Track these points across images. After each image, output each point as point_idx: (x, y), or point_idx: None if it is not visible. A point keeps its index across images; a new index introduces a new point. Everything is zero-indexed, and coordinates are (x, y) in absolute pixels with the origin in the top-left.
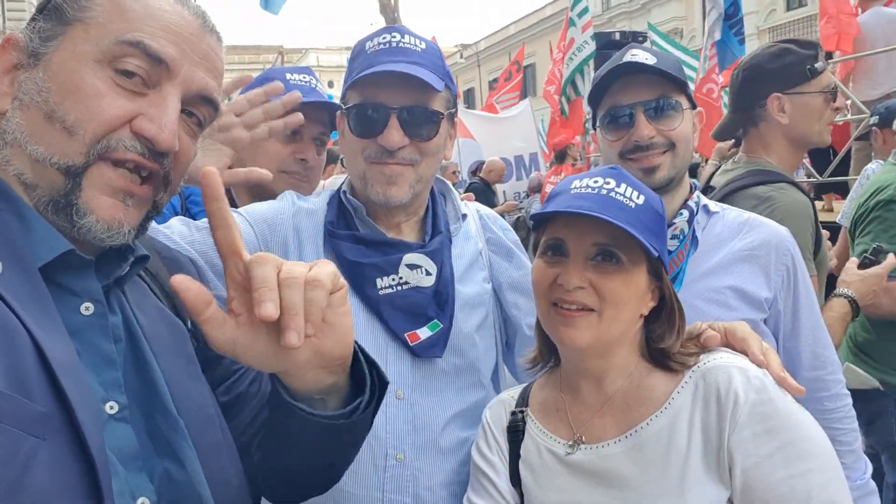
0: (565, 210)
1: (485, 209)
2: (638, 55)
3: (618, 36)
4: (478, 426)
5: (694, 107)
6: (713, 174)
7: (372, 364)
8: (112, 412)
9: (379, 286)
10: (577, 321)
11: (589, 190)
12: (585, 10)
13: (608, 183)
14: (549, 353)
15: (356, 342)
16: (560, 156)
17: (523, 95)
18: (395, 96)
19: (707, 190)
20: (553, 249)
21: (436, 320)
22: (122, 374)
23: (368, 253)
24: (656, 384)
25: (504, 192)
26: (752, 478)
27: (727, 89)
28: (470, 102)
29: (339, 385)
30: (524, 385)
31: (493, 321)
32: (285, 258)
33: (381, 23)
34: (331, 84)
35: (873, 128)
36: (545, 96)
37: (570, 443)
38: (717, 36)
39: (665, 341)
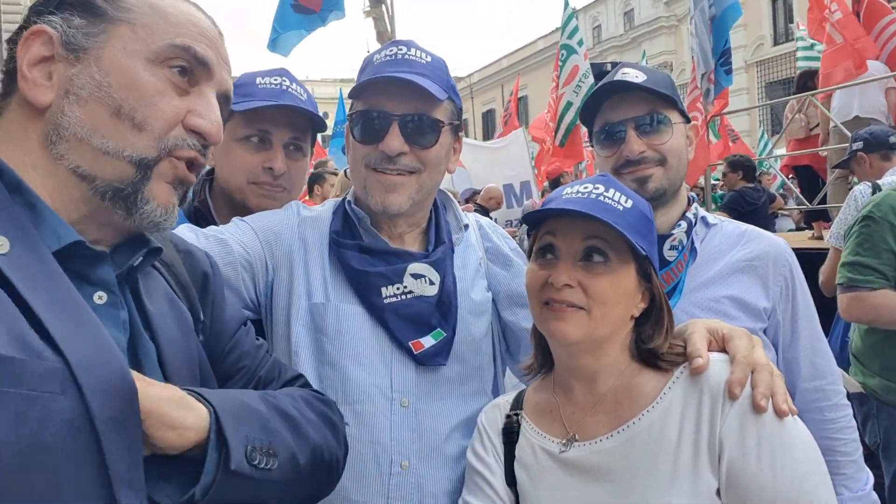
0: (555, 208)
1: (484, 219)
2: (628, 73)
3: (610, 67)
4: None
5: (688, 121)
6: None
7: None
8: None
9: (384, 295)
10: (568, 316)
11: (579, 195)
12: (582, 41)
13: (597, 188)
14: (543, 358)
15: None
16: (554, 183)
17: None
18: (396, 104)
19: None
20: (544, 252)
21: (439, 329)
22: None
23: (374, 262)
24: (646, 382)
25: (496, 219)
26: (736, 468)
27: (713, 121)
28: (464, 135)
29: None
30: (518, 390)
31: (494, 330)
32: (291, 267)
33: None
34: (325, 115)
35: (859, 153)
36: (538, 125)
37: (563, 441)
38: (703, 68)
39: (654, 341)
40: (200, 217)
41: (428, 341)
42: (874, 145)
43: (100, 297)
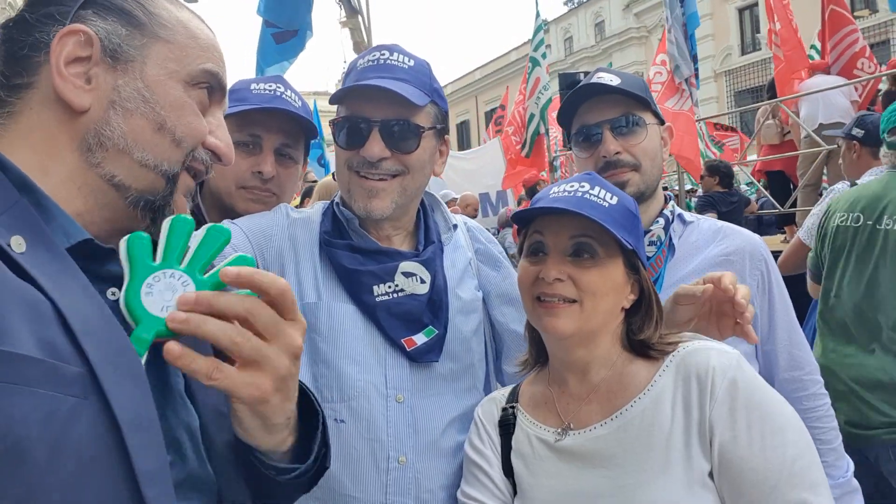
0: (543, 207)
1: (472, 221)
2: (604, 77)
3: (582, 76)
4: None
5: (662, 122)
6: None
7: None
8: None
9: (376, 293)
10: (560, 311)
11: (565, 193)
12: (546, 54)
13: (583, 186)
14: (538, 352)
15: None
16: (531, 192)
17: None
18: (377, 110)
19: None
20: (535, 249)
21: (431, 327)
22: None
23: (364, 261)
24: (638, 371)
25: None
26: (728, 450)
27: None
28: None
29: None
30: (513, 385)
31: (485, 329)
32: (282, 267)
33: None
34: None
35: (853, 141)
36: (503, 138)
37: (559, 430)
38: (687, 73)
39: (644, 332)
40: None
41: (420, 339)
42: (873, 140)
43: (112, 293)
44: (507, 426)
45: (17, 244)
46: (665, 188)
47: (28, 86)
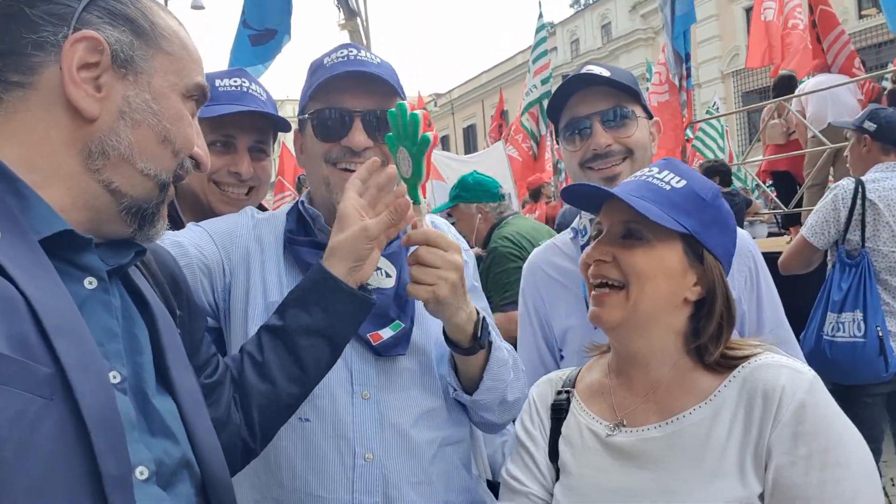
0: (591, 186)
1: (439, 220)
2: (593, 69)
3: None
4: (448, 427)
5: (650, 116)
6: None
7: None
8: (115, 381)
9: None
10: (605, 300)
11: (632, 179)
12: (542, 54)
13: (651, 170)
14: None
15: None
16: (535, 194)
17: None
18: (358, 100)
19: None
20: (596, 236)
21: (398, 321)
22: (123, 348)
23: None
24: (701, 378)
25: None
26: (784, 476)
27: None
28: (445, 149)
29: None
30: (572, 368)
31: None
32: (248, 267)
33: None
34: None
35: (864, 135)
36: (513, 142)
37: (611, 425)
38: (675, 70)
39: (704, 333)
40: (169, 220)
41: (387, 333)
42: (884, 135)
43: (90, 281)
44: (559, 411)
45: None
46: None
47: (28, 85)
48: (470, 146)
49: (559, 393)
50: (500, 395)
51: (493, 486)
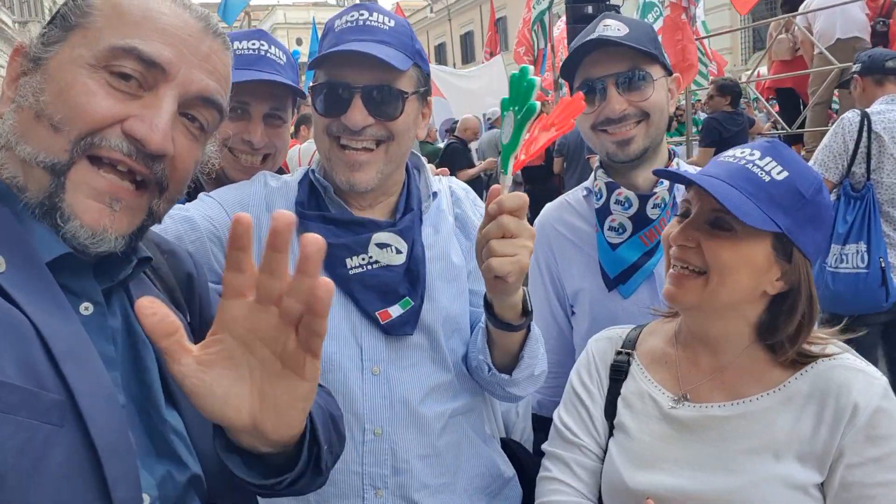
0: (687, 176)
1: (458, 183)
2: (610, 27)
3: (590, 9)
4: (459, 398)
5: (670, 73)
6: None
7: (318, 445)
8: None
9: (349, 266)
10: (683, 281)
11: (732, 160)
12: None
13: (752, 155)
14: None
15: (313, 420)
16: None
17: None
18: (358, 75)
19: None
20: (684, 213)
21: (407, 298)
22: (120, 374)
23: (338, 233)
24: (772, 369)
25: (476, 150)
26: (853, 475)
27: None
28: (441, 58)
29: (281, 453)
30: (630, 327)
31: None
32: (259, 239)
33: None
34: (299, 41)
35: (855, 76)
36: (515, 58)
37: (675, 398)
38: None
39: (781, 332)
40: (191, 187)
41: (396, 310)
42: (870, 68)
43: (86, 307)
44: (619, 371)
45: None
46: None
47: None
48: (468, 55)
49: (619, 353)
50: (533, 369)
51: (507, 444)
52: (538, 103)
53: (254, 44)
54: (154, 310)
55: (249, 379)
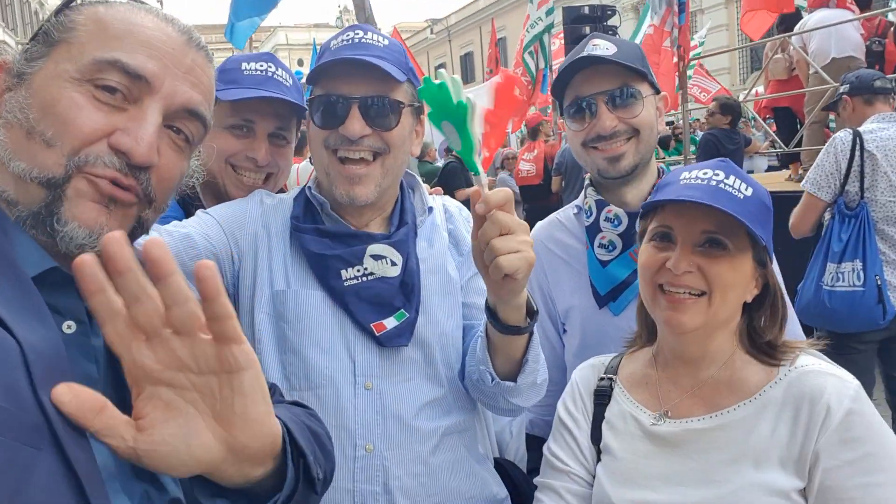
0: (677, 199)
1: (451, 201)
2: (599, 46)
3: (587, 10)
4: (452, 415)
5: (657, 92)
6: None
7: (303, 455)
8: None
9: (344, 277)
10: (687, 306)
11: (698, 181)
12: None
13: (717, 175)
14: (649, 333)
15: (288, 430)
16: (533, 132)
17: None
18: (355, 87)
19: None
20: (661, 237)
21: (402, 310)
22: (102, 394)
23: (333, 245)
24: (749, 377)
25: None
26: (830, 479)
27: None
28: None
29: (269, 472)
30: (613, 355)
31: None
32: (255, 254)
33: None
34: (300, 62)
35: (843, 96)
36: (516, 79)
37: (656, 415)
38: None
39: (770, 332)
40: (188, 203)
41: (390, 322)
42: (858, 88)
43: (69, 326)
44: (602, 396)
45: None
46: (669, 123)
47: None
48: (468, 75)
49: (602, 379)
50: (536, 375)
51: (500, 464)
52: (465, 99)
53: (261, 65)
54: (71, 392)
55: (197, 412)
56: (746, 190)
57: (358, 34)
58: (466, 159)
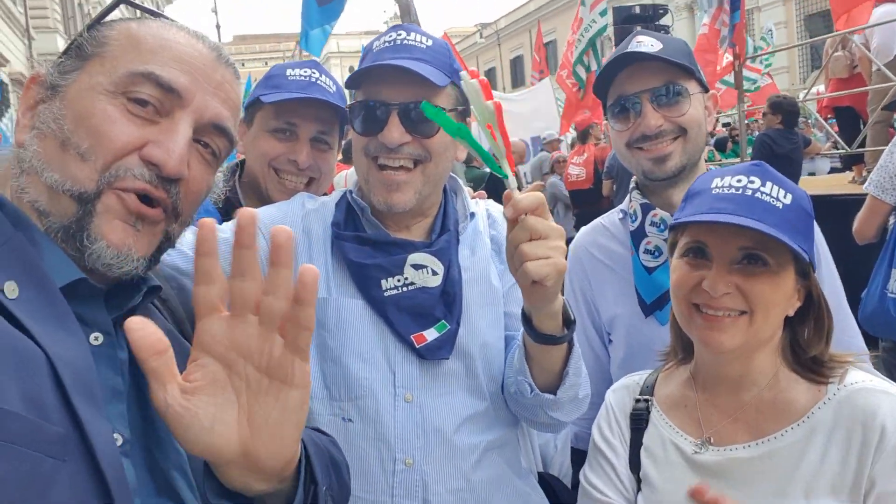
0: (707, 220)
1: (494, 206)
2: (643, 42)
3: (638, 9)
4: (494, 430)
5: (706, 90)
6: None
7: (314, 482)
8: (118, 444)
9: (384, 287)
10: (726, 325)
11: (731, 190)
12: None
13: (752, 182)
14: (683, 350)
15: (308, 454)
16: (583, 135)
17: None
18: (395, 93)
19: None
20: (695, 252)
21: (443, 321)
22: (126, 408)
23: (373, 254)
24: (797, 397)
25: (525, 173)
26: (885, 502)
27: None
28: (491, 83)
29: (271, 492)
30: (647, 373)
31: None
32: (295, 260)
33: (394, 6)
34: (351, 69)
35: None
36: (558, 80)
37: (698, 442)
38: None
39: (815, 347)
40: (230, 206)
41: (431, 334)
42: None
43: (96, 337)
44: (639, 420)
45: (10, 290)
46: (727, 125)
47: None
48: (517, 80)
49: (638, 401)
50: (577, 389)
51: (544, 479)
52: (491, 102)
53: (305, 72)
54: (142, 325)
55: (236, 402)
56: (785, 197)
57: (401, 35)
58: (491, 164)
